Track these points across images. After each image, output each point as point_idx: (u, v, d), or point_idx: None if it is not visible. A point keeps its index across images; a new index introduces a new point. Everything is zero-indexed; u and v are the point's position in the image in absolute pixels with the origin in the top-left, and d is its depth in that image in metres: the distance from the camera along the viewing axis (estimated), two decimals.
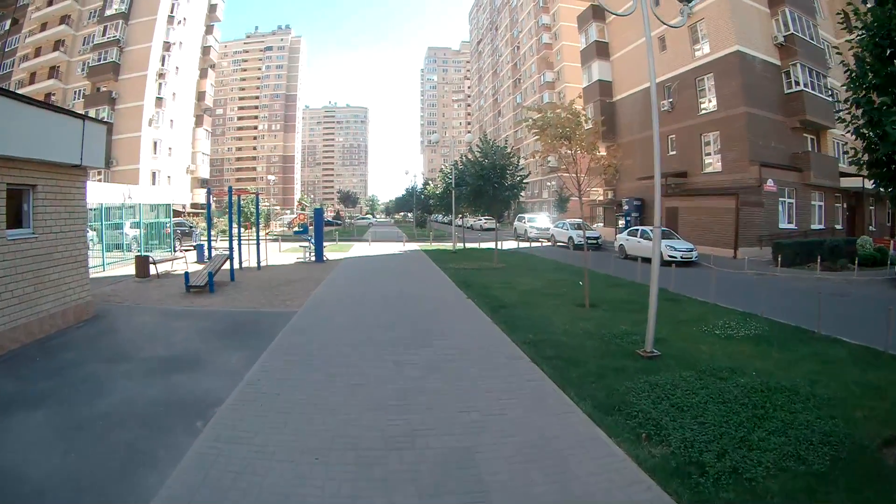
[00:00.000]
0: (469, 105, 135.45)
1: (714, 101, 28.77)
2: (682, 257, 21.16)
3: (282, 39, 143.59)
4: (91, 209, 19.71)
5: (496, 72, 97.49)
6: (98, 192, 19.70)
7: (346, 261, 23.52)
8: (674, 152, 31.55)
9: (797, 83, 28.00)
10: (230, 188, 18.47)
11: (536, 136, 12.41)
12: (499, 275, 17.92)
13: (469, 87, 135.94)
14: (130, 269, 17.59)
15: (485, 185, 22.04)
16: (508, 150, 24.19)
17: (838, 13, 5.97)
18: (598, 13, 40.32)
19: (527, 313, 10.94)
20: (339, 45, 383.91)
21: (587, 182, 11.70)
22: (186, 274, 14.23)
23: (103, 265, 18.91)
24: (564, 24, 64.07)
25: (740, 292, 13.72)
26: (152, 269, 17.04)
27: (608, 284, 15.06)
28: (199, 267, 17.17)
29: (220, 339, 9.08)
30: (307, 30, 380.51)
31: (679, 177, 30.90)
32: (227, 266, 16.48)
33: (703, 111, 29.49)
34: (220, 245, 22.36)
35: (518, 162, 24.01)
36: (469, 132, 73.80)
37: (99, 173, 48.04)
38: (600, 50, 40.24)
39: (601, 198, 43.97)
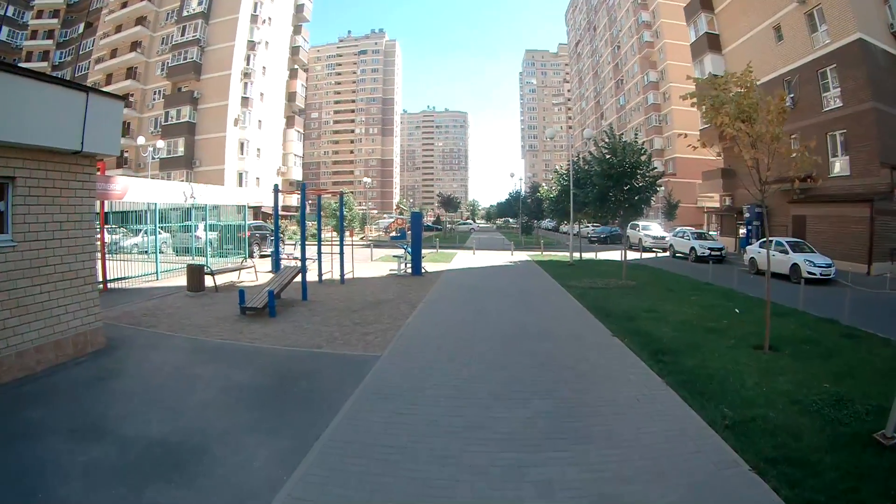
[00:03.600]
0: (570, 108, 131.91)
1: (838, 96, 26.22)
2: (821, 274, 19.81)
3: (376, 43, 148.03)
4: (143, 210, 17.89)
5: (597, 73, 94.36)
6: (153, 191, 17.74)
7: (447, 274, 20.50)
8: (796, 154, 27.53)
9: None
10: (303, 185, 15.85)
11: (708, 118, 9.41)
12: (635, 297, 14.72)
13: (569, 91, 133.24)
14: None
15: (614, 186, 19.39)
16: (640, 145, 20.64)
17: None
18: (706, 2, 39.04)
19: (700, 364, 7.94)
20: (434, 49, 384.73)
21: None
22: (241, 292, 11.46)
23: (157, 273, 17.08)
24: (665, 20, 62.05)
25: None
26: (209, 281, 14.66)
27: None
28: (271, 278, 14.54)
29: (255, 407, 6.05)
30: (401, 34, 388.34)
31: (805, 181, 27.21)
32: (299, 279, 13.68)
33: (828, 107, 26.85)
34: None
35: (650, 160, 20.59)
36: (589, 129, 70.06)
37: (181, 174, 48.44)
38: (712, 42, 38.57)
39: (717, 204, 42.63)
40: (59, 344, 7.68)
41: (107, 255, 16.97)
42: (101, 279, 14.79)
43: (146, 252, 18.56)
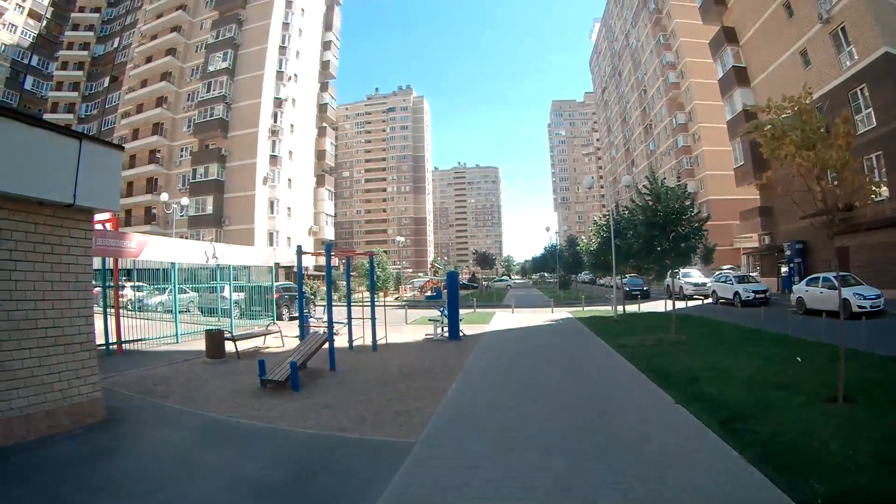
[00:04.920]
0: (600, 157, 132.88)
1: (872, 116, 26.84)
2: (871, 306, 19.68)
3: (404, 100, 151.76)
4: (169, 268, 17.42)
5: (625, 119, 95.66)
6: (173, 249, 17.39)
7: (487, 336, 19.43)
8: (835, 182, 27.58)
9: None
10: (328, 246, 15.13)
11: (770, 149, 8.69)
12: (689, 353, 13.64)
13: (598, 140, 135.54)
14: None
15: (659, 234, 18.40)
16: (684, 189, 19.87)
17: None
18: (730, 35, 40.29)
19: (776, 430, 7.00)
20: (461, 104, 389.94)
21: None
22: (261, 362, 10.55)
23: (177, 336, 16.60)
24: (689, 59, 63.40)
25: None
26: (230, 347, 13.92)
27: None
28: (296, 346, 13.66)
29: None
30: (427, 90, 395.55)
31: (844, 210, 27.29)
32: (327, 346, 12.75)
33: (861, 130, 26.83)
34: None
35: (693, 206, 19.82)
36: (627, 175, 69.76)
37: (210, 232, 48.67)
38: (740, 76, 39.60)
39: (756, 244, 42.83)
40: (52, 413, 7.06)
41: (130, 313, 16.49)
42: (115, 340, 14.36)
43: (171, 311, 18.16)
